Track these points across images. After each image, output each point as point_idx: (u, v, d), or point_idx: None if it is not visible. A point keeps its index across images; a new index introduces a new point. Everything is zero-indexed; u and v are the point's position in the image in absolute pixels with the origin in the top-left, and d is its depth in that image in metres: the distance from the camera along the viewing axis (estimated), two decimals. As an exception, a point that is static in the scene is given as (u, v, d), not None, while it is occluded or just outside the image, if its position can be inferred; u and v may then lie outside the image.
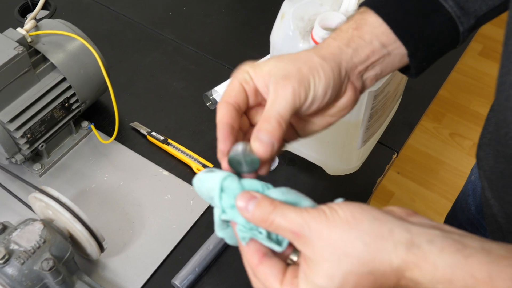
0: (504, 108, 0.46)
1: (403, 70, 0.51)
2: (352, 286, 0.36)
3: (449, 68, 0.96)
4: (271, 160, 0.45)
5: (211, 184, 0.42)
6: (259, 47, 0.93)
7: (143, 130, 0.83)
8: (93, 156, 0.81)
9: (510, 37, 0.44)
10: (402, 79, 0.76)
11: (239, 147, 0.42)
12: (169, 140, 0.82)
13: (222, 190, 0.41)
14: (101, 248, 0.65)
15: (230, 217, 0.42)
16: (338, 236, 0.36)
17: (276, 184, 0.77)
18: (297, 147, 0.79)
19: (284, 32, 0.65)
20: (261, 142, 0.42)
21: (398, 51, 0.47)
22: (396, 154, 0.83)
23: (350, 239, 0.36)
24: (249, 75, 0.45)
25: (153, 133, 0.83)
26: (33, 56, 0.74)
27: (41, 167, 0.79)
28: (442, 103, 1.95)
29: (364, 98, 0.64)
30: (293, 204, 0.40)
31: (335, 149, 0.74)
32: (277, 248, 0.40)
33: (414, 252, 0.35)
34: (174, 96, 0.90)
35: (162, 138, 0.82)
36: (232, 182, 0.42)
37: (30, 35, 0.73)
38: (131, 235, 0.73)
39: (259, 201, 0.39)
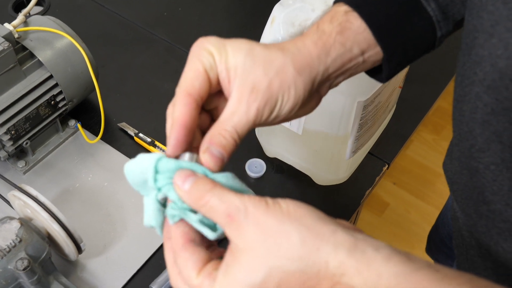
0: (469, 120, 0.44)
1: (371, 73, 0.48)
2: (276, 284, 0.33)
3: (447, 79, 0.95)
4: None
5: (145, 165, 0.38)
6: (253, 52, 0.91)
7: (131, 131, 0.82)
8: (78, 155, 0.80)
9: (472, 46, 0.42)
10: (395, 89, 0.75)
11: (186, 157, 0.39)
12: (156, 142, 0.81)
13: (157, 171, 0.38)
14: (79, 249, 0.64)
15: (165, 195, 0.38)
16: (274, 224, 0.33)
17: (262, 192, 0.76)
18: (286, 155, 0.78)
19: (274, 37, 0.63)
20: (212, 156, 0.38)
21: (373, 59, 0.45)
22: (387, 165, 0.81)
23: (286, 229, 0.33)
24: (214, 60, 0.40)
25: (141, 135, 0.81)
26: (20, 52, 0.73)
27: (26, 164, 0.78)
28: (442, 115, 1.94)
29: (353, 108, 0.63)
30: (234, 189, 0.37)
31: (323, 158, 0.73)
32: (210, 234, 0.36)
33: (357, 257, 0.32)
34: (164, 98, 0.88)
35: (149, 140, 0.81)
36: (169, 162, 0.38)
37: (17, 31, 0.72)
38: (112, 237, 0.72)
39: (198, 179, 0.36)
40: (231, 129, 0.39)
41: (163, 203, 0.39)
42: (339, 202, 0.77)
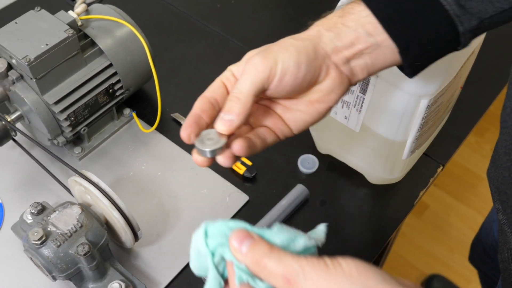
0: None
1: (401, 68, 0.48)
2: None
3: (503, 83, 0.92)
4: (235, 146, 0.44)
5: (198, 241, 0.39)
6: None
7: (184, 122, 0.82)
8: (132, 144, 0.81)
9: None
10: (456, 90, 0.73)
11: (204, 131, 0.45)
12: (210, 134, 0.81)
13: (207, 236, 0.39)
14: (136, 237, 0.65)
15: (220, 255, 0.38)
16: None
17: (314, 188, 0.76)
18: (339, 152, 0.77)
19: None
20: (223, 121, 0.43)
21: (388, 44, 0.44)
22: (441, 167, 0.80)
23: None
24: (232, 73, 0.47)
25: (194, 126, 0.82)
26: (82, 40, 0.74)
27: (81, 151, 0.79)
28: (486, 117, 1.88)
29: (417, 107, 0.62)
30: (288, 241, 0.38)
31: (379, 157, 0.71)
32: None
33: None
34: (217, 90, 0.89)
35: (202, 131, 0.81)
36: (216, 224, 0.39)
37: (80, 19, 0.73)
38: (165, 226, 0.72)
39: (254, 242, 0.36)
40: (236, 91, 0.44)
41: (221, 273, 0.39)
42: (392, 202, 0.76)
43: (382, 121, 0.66)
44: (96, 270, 0.61)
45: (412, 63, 0.46)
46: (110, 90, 0.76)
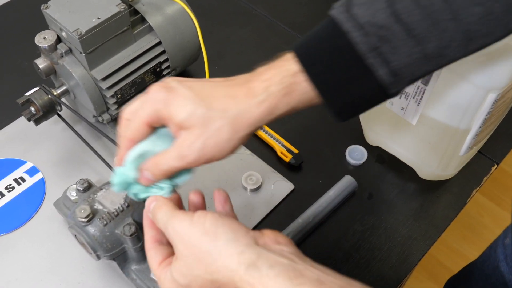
0: None
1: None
2: (199, 286, 0.44)
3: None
4: None
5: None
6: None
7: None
8: (176, 126, 0.79)
9: None
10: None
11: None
12: (256, 119, 0.78)
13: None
14: (181, 221, 0.63)
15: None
16: (196, 243, 0.43)
17: (362, 181, 0.73)
18: (390, 144, 0.74)
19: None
20: (143, 178, 0.50)
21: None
22: (496, 165, 0.76)
23: (205, 249, 0.42)
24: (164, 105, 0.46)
25: (239, 110, 0.79)
26: (132, 16, 0.72)
27: (124, 130, 0.77)
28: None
29: (484, 101, 0.59)
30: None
31: (435, 152, 0.68)
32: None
33: (252, 273, 0.40)
34: (263, 75, 0.86)
35: (248, 116, 0.79)
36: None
37: (132, -6, 0.71)
38: (208, 209, 0.70)
39: (157, 204, 0.48)
40: (158, 170, 0.49)
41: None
42: (443, 200, 0.73)
43: (443, 114, 0.63)
44: (141, 252, 0.60)
45: (339, 117, 0.48)
46: (158, 69, 0.74)
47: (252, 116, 0.46)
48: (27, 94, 0.69)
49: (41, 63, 0.70)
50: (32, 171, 0.73)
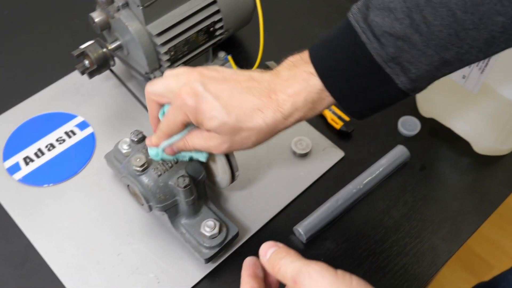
0: None
1: None
2: None
3: None
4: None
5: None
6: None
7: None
8: (225, 88, 0.78)
9: None
10: None
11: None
12: (307, 85, 0.77)
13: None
14: (233, 178, 0.62)
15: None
16: None
17: (414, 151, 0.71)
18: (445, 116, 0.72)
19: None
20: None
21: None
22: (555, 143, 0.73)
23: None
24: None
25: (290, 75, 0.78)
26: (189, -27, 0.71)
27: (174, 90, 0.77)
28: None
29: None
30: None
31: (494, 124, 0.66)
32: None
33: None
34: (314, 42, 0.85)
35: (299, 81, 0.77)
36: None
37: (191, -50, 0.70)
38: (256, 173, 0.70)
39: (277, 250, 0.43)
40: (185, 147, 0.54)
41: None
42: (498, 175, 0.71)
43: (509, 83, 0.61)
44: (192, 205, 0.60)
45: (359, 118, 0.50)
46: (211, 29, 0.73)
47: (278, 128, 0.50)
48: (82, 47, 0.69)
49: (97, 16, 0.70)
50: (82, 125, 0.74)
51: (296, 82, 0.48)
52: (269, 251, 0.44)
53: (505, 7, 0.39)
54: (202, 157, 0.57)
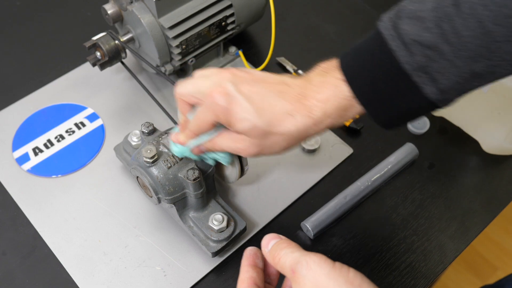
0: None
1: None
2: None
3: None
4: None
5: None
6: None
7: (289, 67, 0.79)
8: (235, 83, 0.78)
9: None
10: None
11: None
12: (317, 81, 0.77)
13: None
14: (242, 172, 0.62)
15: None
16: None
17: (422, 149, 0.71)
18: (455, 114, 0.72)
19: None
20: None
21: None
22: None
23: None
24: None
25: (300, 71, 0.78)
26: (201, -33, 0.71)
27: (184, 84, 0.77)
28: None
29: None
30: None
31: (504, 123, 0.66)
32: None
33: None
34: (325, 38, 0.85)
35: (309, 78, 0.77)
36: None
37: None
38: (264, 168, 0.70)
39: (279, 241, 0.45)
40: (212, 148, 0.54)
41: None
42: (506, 174, 0.71)
43: (520, 82, 0.61)
44: (201, 198, 0.60)
45: (387, 128, 0.49)
46: (223, 23, 0.73)
47: (308, 134, 0.49)
48: (94, 38, 0.69)
49: (110, 8, 0.70)
50: (92, 117, 0.74)
51: (326, 88, 0.47)
52: (271, 242, 0.45)
53: None
54: (225, 160, 0.56)
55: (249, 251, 0.47)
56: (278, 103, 0.48)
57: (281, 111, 0.47)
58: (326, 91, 0.47)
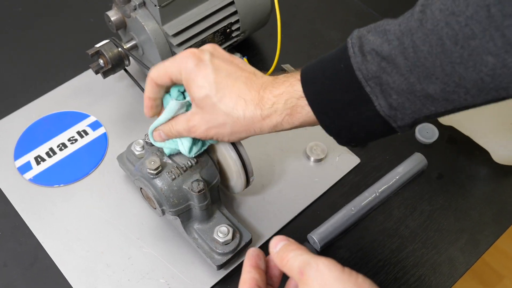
0: None
1: None
2: None
3: None
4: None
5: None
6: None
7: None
8: (240, 91, 0.77)
9: None
10: None
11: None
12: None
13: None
14: (248, 183, 0.61)
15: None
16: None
17: (431, 159, 0.70)
18: (465, 124, 0.71)
19: None
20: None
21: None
22: None
23: None
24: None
25: (306, 79, 0.77)
26: (207, -27, 0.70)
27: (188, 91, 0.76)
28: None
29: None
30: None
31: (516, 133, 0.65)
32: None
33: None
34: (330, 46, 0.84)
35: (315, 85, 0.76)
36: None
37: (209, -50, 0.69)
38: (270, 178, 0.69)
39: (287, 243, 0.44)
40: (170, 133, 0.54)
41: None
42: (517, 186, 0.69)
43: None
44: (205, 210, 0.58)
45: (346, 144, 0.50)
46: (228, 30, 0.72)
47: (254, 126, 0.49)
48: (97, 45, 0.68)
49: (113, 15, 0.69)
50: (95, 125, 0.73)
51: (283, 85, 0.49)
52: (279, 243, 0.44)
53: (497, 47, 0.37)
54: (184, 149, 0.55)
55: (252, 252, 0.47)
56: (238, 85, 0.49)
57: (237, 92, 0.49)
58: (282, 87, 0.48)
